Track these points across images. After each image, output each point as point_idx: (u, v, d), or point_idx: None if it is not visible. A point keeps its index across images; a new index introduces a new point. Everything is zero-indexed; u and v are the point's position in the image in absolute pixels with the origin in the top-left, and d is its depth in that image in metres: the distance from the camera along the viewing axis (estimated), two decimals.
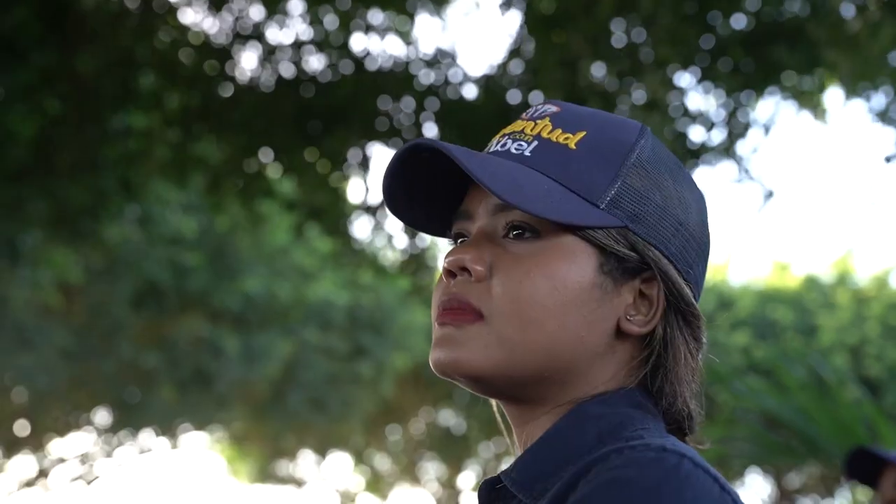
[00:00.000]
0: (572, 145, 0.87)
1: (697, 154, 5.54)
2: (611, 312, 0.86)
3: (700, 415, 0.90)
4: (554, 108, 0.91)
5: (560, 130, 0.89)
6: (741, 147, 5.72)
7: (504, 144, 0.90)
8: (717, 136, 5.74)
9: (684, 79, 5.64)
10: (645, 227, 0.86)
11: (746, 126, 5.69)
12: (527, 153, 0.88)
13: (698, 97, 5.74)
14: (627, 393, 0.86)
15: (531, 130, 0.90)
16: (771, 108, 6.20)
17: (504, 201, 0.82)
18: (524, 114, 0.93)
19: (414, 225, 0.96)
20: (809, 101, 5.89)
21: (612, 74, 5.43)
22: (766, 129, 5.82)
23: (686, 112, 5.63)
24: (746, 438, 5.44)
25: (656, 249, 0.86)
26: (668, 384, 0.87)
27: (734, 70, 5.32)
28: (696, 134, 5.74)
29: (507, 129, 0.92)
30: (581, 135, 0.88)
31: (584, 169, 0.86)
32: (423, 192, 0.93)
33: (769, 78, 5.45)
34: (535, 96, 5.41)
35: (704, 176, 6.36)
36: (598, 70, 5.48)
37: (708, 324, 0.90)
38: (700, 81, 5.56)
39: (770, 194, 5.65)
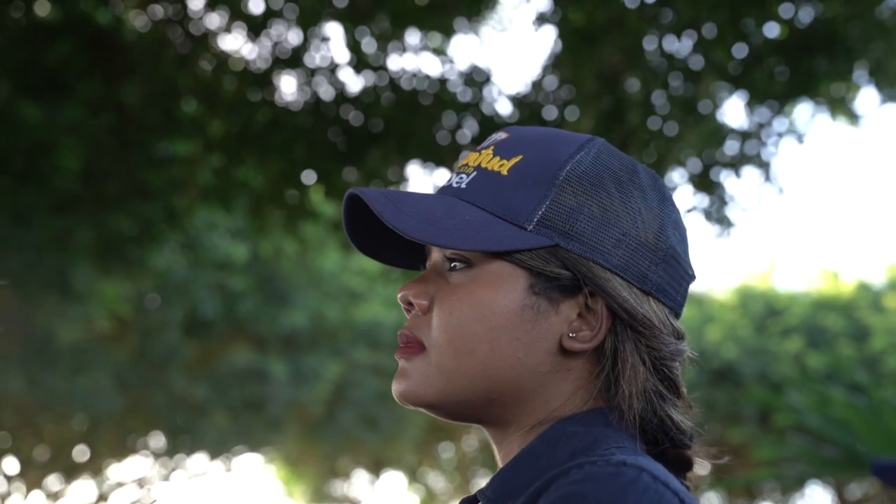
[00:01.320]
0: (504, 172, 0.89)
1: (732, 163, 5.49)
2: (549, 332, 0.87)
3: (687, 425, 0.89)
4: (502, 136, 0.93)
5: (498, 158, 0.90)
6: (771, 155, 5.67)
7: (450, 180, 0.93)
8: (751, 145, 5.69)
9: (719, 88, 5.60)
10: (579, 242, 0.86)
11: (780, 135, 5.63)
12: (463, 186, 0.90)
13: (733, 106, 5.70)
14: (602, 411, 0.86)
15: (474, 162, 0.92)
16: (806, 115, 6.13)
17: (410, 237, 0.85)
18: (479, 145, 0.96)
19: (388, 262, 1.00)
20: (841, 107, 5.82)
21: (647, 86, 5.40)
22: (800, 137, 5.76)
23: (719, 123, 5.59)
24: (797, 457, 5.34)
25: (595, 263, 0.85)
26: (625, 399, 0.86)
27: (769, 79, 5.27)
28: (730, 145, 5.70)
29: (460, 163, 0.95)
30: (516, 160, 0.89)
31: (513, 193, 0.87)
32: (387, 232, 0.97)
33: (805, 86, 5.39)
34: (571, 111, 5.42)
35: (737, 185, 6.30)
36: (634, 83, 5.46)
37: (758, 332, 0.90)
38: (735, 91, 5.51)
39: (781, 190, 5.62)
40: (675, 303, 0.90)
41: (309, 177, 6.41)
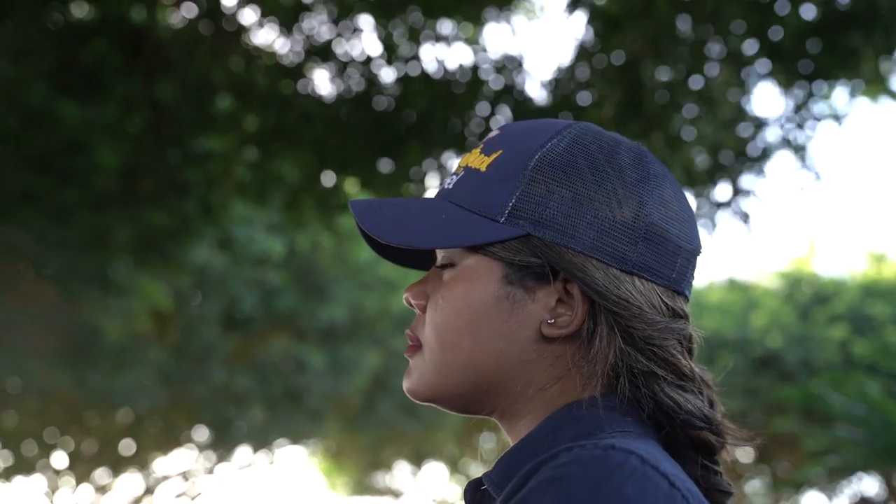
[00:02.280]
0: (483, 168, 0.91)
1: (769, 150, 5.42)
2: (527, 320, 0.88)
3: (695, 405, 0.87)
4: (494, 133, 0.95)
5: (483, 156, 0.93)
6: (808, 139, 5.58)
7: (445, 182, 0.96)
8: (787, 130, 5.61)
9: (752, 71, 5.52)
10: (550, 229, 0.86)
11: (816, 118, 5.54)
12: (450, 187, 0.94)
13: (767, 90, 5.62)
14: (605, 396, 0.86)
15: (464, 162, 0.95)
16: (844, 97, 6.02)
17: (386, 242, 0.89)
18: None
19: (413, 266, 1.04)
20: (881, 85, 5.71)
21: (675, 73, 5.35)
22: (838, 119, 5.66)
23: (744, 112, 5.52)
24: (843, 448, 5.28)
25: (567, 248, 0.86)
26: (596, 379, 0.86)
27: (804, 61, 5.19)
28: (761, 132, 5.62)
29: (458, 164, 0.97)
30: (496, 155, 0.91)
31: (488, 189, 0.89)
32: None
33: (842, 66, 5.29)
34: (600, 97, 5.38)
35: (776, 171, 6.22)
36: (661, 69, 5.41)
37: (803, 319, 0.88)
38: (769, 74, 5.43)
39: (818, 176, 5.52)
40: (669, 280, 0.89)
41: (343, 169, 6.44)
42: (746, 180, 6.04)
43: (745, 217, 5.98)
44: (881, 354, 7.34)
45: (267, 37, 6.33)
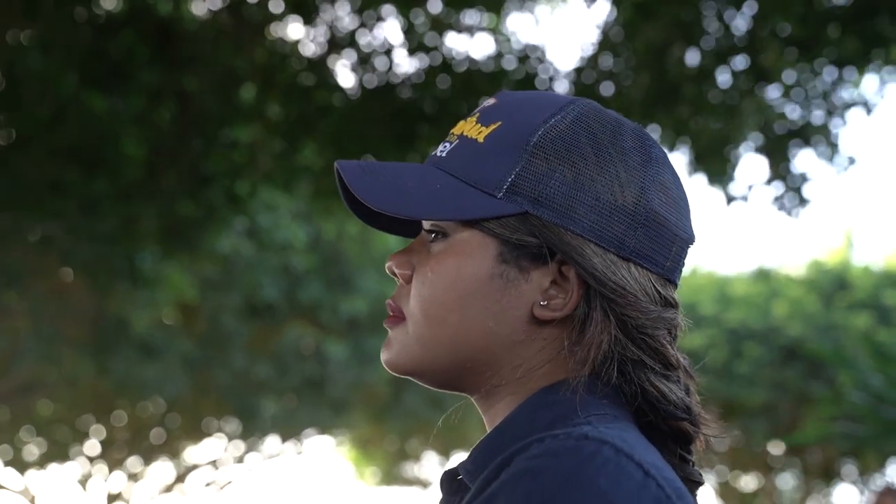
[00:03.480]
0: (481, 139, 0.88)
1: (798, 135, 5.38)
2: (519, 300, 0.86)
3: (678, 396, 0.86)
4: (491, 102, 0.92)
5: (479, 125, 0.89)
6: (839, 127, 5.53)
7: (437, 149, 0.93)
8: (817, 117, 5.56)
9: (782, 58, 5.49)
10: (549, 209, 0.84)
11: (846, 105, 5.49)
12: (443, 154, 0.90)
13: (796, 76, 5.58)
14: (586, 380, 0.84)
15: (459, 130, 0.91)
16: (874, 83, 5.95)
17: (377, 209, 0.86)
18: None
19: (392, 231, 1.01)
20: None
21: (704, 59, 5.32)
22: (868, 105, 5.61)
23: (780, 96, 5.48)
24: (856, 417, 5.21)
25: (566, 230, 0.84)
26: (587, 366, 0.84)
27: (834, 46, 5.14)
28: (793, 118, 5.58)
29: (451, 131, 0.94)
30: (494, 126, 0.88)
31: (486, 161, 0.86)
32: None
33: (872, 52, 5.23)
34: (627, 85, 5.37)
35: (807, 157, 6.17)
36: (690, 55, 5.39)
37: (827, 307, 0.87)
38: (798, 61, 5.39)
39: (852, 161, 5.47)
40: (664, 268, 0.87)
41: (365, 158, 6.48)
42: (795, 161, 5.98)
43: (800, 201, 5.92)
44: None
45: (290, 28, 6.38)
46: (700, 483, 0.89)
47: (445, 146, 0.91)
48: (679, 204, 0.90)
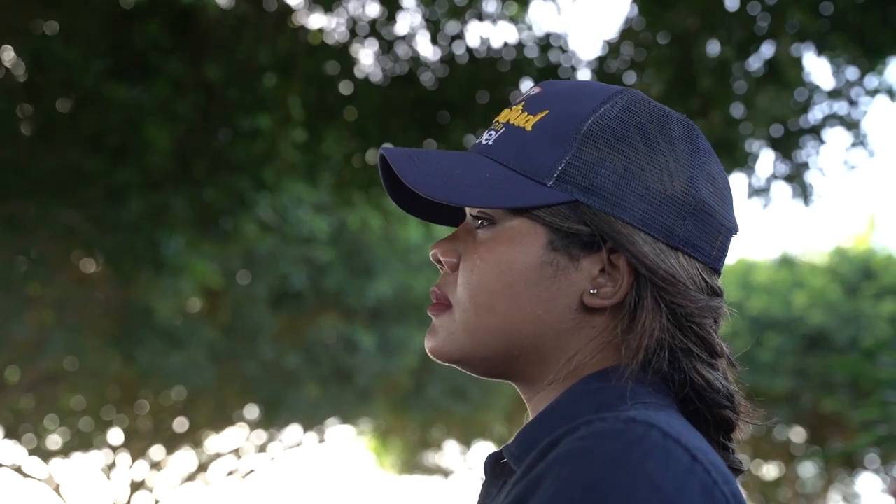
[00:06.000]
0: (529, 127, 0.88)
1: (821, 125, 5.34)
2: (569, 288, 0.86)
3: (722, 384, 0.86)
4: (535, 90, 0.92)
5: (526, 114, 0.89)
6: (861, 115, 5.49)
7: (481, 137, 0.93)
8: (840, 106, 5.52)
9: (804, 48, 5.44)
10: (600, 197, 0.84)
11: (871, 92, 5.44)
12: (490, 143, 0.90)
13: (818, 66, 5.53)
14: (629, 367, 0.84)
15: (504, 118, 0.92)
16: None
17: (426, 196, 0.86)
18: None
19: (433, 220, 1.01)
20: None
21: (726, 48, 5.29)
22: (892, 94, 5.56)
23: (804, 83, 5.44)
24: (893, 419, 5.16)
25: (616, 218, 0.84)
26: (639, 354, 0.84)
27: (856, 35, 5.09)
28: (816, 107, 5.54)
29: (496, 118, 0.94)
30: (542, 115, 0.88)
31: (535, 149, 0.87)
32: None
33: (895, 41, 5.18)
34: (649, 75, 5.34)
35: (828, 146, 6.13)
36: (711, 45, 5.35)
37: (850, 296, 0.86)
38: (821, 51, 5.35)
39: (871, 153, 5.44)
40: (710, 258, 0.88)
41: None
42: (804, 154, 5.96)
43: (807, 190, 5.91)
44: None
45: (313, 17, 6.38)
46: (741, 471, 0.90)
47: (491, 134, 0.91)
48: (724, 193, 0.90)
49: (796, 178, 5.96)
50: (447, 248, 0.92)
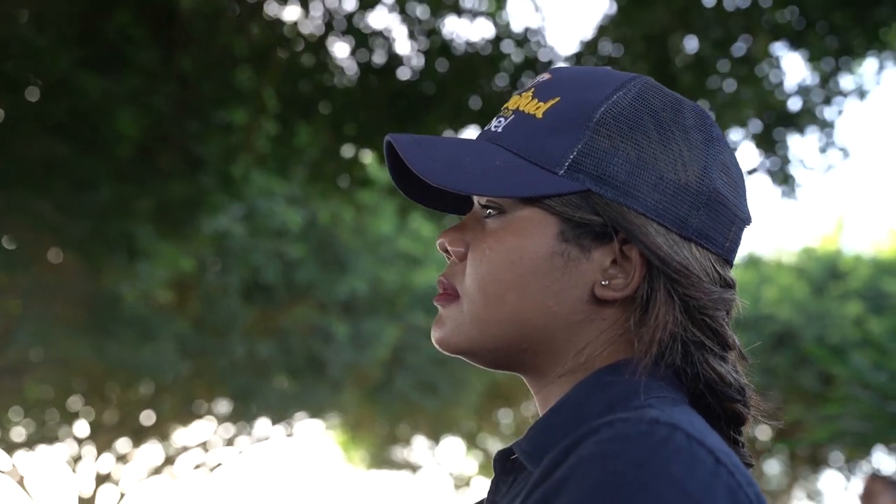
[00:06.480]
0: (539, 115, 0.86)
1: (794, 122, 5.38)
2: (580, 279, 0.85)
3: (734, 378, 0.85)
4: (545, 77, 0.90)
5: (536, 100, 0.87)
6: (835, 115, 5.54)
7: (490, 124, 0.91)
8: (813, 105, 5.57)
9: (779, 47, 5.49)
10: (612, 187, 0.83)
11: (844, 94, 5.49)
12: (499, 130, 0.88)
13: (793, 64, 5.58)
14: (641, 361, 0.82)
15: (513, 105, 0.89)
16: (871, 70, 5.96)
17: (434, 184, 0.84)
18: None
19: (438, 208, 0.99)
20: None
21: (703, 46, 5.31)
22: (862, 93, 5.62)
23: (779, 82, 5.49)
24: (862, 415, 5.23)
25: (629, 209, 0.83)
26: (652, 347, 0.82)
27: (831, 34, 5.14)
28: (792, 102, 5.59)
29: (504, 105, 0.92)
30: (553, 102, 0.86)
31: (546, 137, 0.85)
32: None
33: (871, 39, 5.23)
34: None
35: (802, 144, 6.20)
36: (688, 41, 5.38)
37: (817, 295, 0.85)
38: (796, 47, 5.39)
39: (845, 153, 5.50)
40: (723, 249, 0.87)
41: (362, 143, 6.45)
42: (790, 144, 5.99)
43: (792, 183, 5.94)
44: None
45: (288, 10, 6.34)
46: (750, 465, 0.88)
47: (500, 121, 0.89)
48: (738, 184, 0.89)
49: (779, 170, 5.98)
50: (455, 237, 0.90)
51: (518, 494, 0.79)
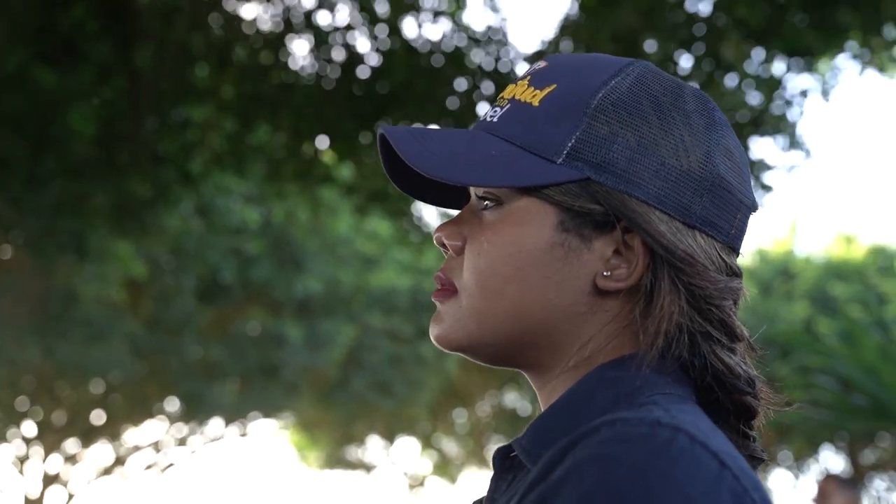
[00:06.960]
0: (536, 102, 0.84)
1: (755, 123, 5.44)
2: (581, 270, 0.82)
3: (743, 370, 0.83)
4: (541, 65, 0.88)
5: (532, 88, 0.85)
6: (795, 114, 5.61)
7: (486, 114, 0.88)
8: (776, 106, 5.63)
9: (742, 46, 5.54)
10: (612, 174, 0.80)
11: (804, 93, 5.57)
12: (495, 119, 0.86)
13: (755, 65, 5.63)
14: (646, 355, 0.80)
15: (509, 94, 0.87)
16: (831, 70, 6.03)
17: (429, 176, 0.82)
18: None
19: (434, 202, 0.96)
20: (877, 58, 5.70)
21: (666, 48, 5.35)
22: (826, 93, 5.69)
23: (740, 83, 5.55)
24: (823, 403, 5.27)
25: (630, 196, 0.80)
26: (658, 339, 0.80)
27: (794, 36, 5.20)
28: (754, 101, 5.64)
29: (500, 95, 0.90)
30: (549, 89, 0.84)
31: (543, 125, 0.83)
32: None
33: (831, 41, 5.30)
34: None
35: (764, 146, 6.27)
36: (652, 45, 5.41)
37: (766, 295, 0.83)
38: (756, 48, 5.45)
39: (808, 154, 5.57)
40: (728, 236, 0.84)
41: (322, 141, 6.41)
42: (753, 147, 6.03)
43: (763, 187, 6.00)
44: (848, 330, 7.38)
45: (247, 7, 6.28)
46: (762, 460, 0.87)
47: (496, 111, 0.87)
48: (742, 169, 0.87)
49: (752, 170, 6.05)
50: (451, 230, 0.87)
51: (516, 493, 0.77)
